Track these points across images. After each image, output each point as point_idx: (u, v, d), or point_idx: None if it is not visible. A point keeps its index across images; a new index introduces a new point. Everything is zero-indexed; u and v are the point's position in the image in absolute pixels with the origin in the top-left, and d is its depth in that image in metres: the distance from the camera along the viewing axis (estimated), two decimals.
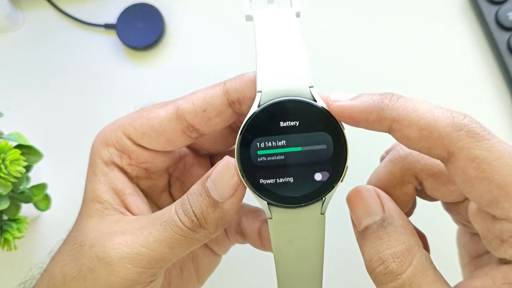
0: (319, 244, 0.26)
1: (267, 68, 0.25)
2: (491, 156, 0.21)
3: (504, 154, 0.21)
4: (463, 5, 0.50)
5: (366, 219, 0.25)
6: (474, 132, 0.21)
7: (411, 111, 0.22)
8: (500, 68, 0.47)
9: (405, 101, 0.23)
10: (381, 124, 0.23)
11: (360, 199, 0.26)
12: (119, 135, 0.29)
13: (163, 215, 0.26)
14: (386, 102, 0.23)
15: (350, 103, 0.24)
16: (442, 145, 0.22)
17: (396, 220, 0.25)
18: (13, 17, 0.50)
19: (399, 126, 0.23)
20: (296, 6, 0.28)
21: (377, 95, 0.24)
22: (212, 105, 0.27)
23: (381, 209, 0.25)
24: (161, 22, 0.50)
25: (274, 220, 0.25)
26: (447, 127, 0.22)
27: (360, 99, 0.24)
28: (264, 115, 0.25)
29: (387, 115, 0.23)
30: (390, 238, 0.24)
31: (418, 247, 0.24)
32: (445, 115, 0.22)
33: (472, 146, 0.21)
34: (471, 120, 0.22)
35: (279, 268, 0.27)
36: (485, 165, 0.21)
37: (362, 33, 0.50)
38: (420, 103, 0.23)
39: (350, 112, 0.24)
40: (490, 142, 0.21)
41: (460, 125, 0.22)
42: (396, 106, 0.23)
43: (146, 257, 0.25)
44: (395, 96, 0.23)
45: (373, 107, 0.23)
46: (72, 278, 0.26)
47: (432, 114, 0.22)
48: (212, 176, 0.26)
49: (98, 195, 0.28)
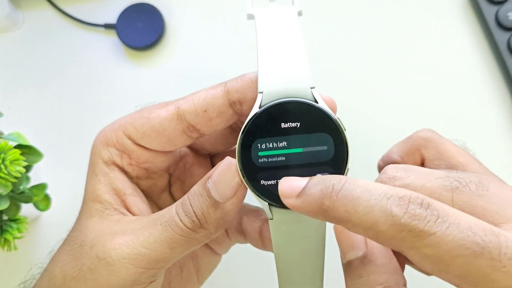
0: (319, 245, 0.26)
1: (269, 69, 0.25)
2: (440, 251, 0.19)
3: (453, 246, 0.19)
4: (463, 5, 0.50)
5: (349, 253, 0.25)
6: (417, 230, 0.20)
7: (351, 212, 0.21)
8: (500, 68, 0.47)
9: (346, 196, 0.21)
10: (332, 222, 0.22)
11: (344, 233, 0.25)
12: (119, 135, 0.29)
13: (164, 216, 0.26)
14: (326, 204, 0.21)
15: (296, 204, 0.23)
16: (391, 245, 0.21)
17: (377, 258, 0.24)
18: (13, 17, 0.50)
19: (346, 227, 0.22)
20: (298, 5, 0.28)
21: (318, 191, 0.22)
22: (213, 105, 0.27)
23: (364, 244, 0.25)
24: (161, 22, 0.50)
25: (275, 221, 0.25)
26: (388, 229, 0.20)
27: (304, 199, 0.22)
28: (265, 116, 0.25)
29: (332, 217, 0.22)
30: (368, 277, 0.24)
31: (398, 287, 0.23)
32: (384, 214, 0.20)
33: (418, 245, 0.20)
34: (412, 215, 0.20)
35: (280, 268, 0.27)
36: (437, 260, 0.20)
37: (362, 33, 0.50)
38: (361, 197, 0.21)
39: (299, 212, 0.23)
40: (436, 236, 0.19)
41: (401, 226, 0.20)
42: (336, 207, 0.21)
43: (147, 258, 0.25)
44: (334, 193, 0.22)
45: (317, 210, 0.22)
46: (72, 278, 0.26)
47: (372, 215, 0.20)
48: (213, 176, 0.26)
49: (98, 195, 0.28)
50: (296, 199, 0.23)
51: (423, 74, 0.48)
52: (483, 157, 0.30)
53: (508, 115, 0.46)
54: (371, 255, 0.24)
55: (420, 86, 0.47)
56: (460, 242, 0.19)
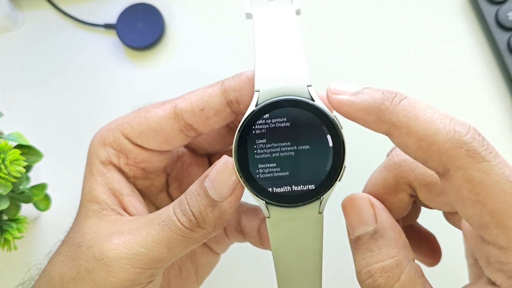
0: (317, 243, 0.26)
1: (265, 67, 0.25)
2: (488, 180, 0.20)
3: (501, 179, 0.20)
4: (463, 5, 0.50)
5: (359, 228, 0.25)
6: (475, 151, 0.20)
7: (412, 118, 0.21)
8: (500, 68, 0.47)
9: (408, 105, 0.22)
10: (379, 127, 0.22)
11: (353, 208, 0.26)
12: (116, 135, 0.29)
13: (161, 215, 0.26)
14: (387, 104, 0.22)
15: (349, 99, 0.23)
16: (440, 160, 0.21)
17: (387, 232, 0.24)
18: (13, 17, 0.50)
19: (397, 132, 0.22)
20: (296, 4, 0.28)
21: (379, 94, 0.23)
22: (210, 104, 0.27)
23: (374, 219, 0.25)
24: (161, 22, 0.50)
25: (272, 219, 0.25)
26: (447, 142, 0.20)
27: (361, 97, 0.23)
28: (261, 115, 0.25)
29: (387, 118, 0.22)
30: (380, 251, 0.24)
31: (408, 261, 0.24)
32: (447, 128, 0.21)
33: (470, 166, 0.20)
34: (473, 137, 0.20)
35: (278, 267, 0.27)
36: (480, 188, 0.20)
37: (361, 32, 0.50)
38: (424, 109, 0.21)
39: (348, 109, 0.23)
40: (489, 164, 0.20)
41: (461, 142, 0.20)
42: (397, 110, 0.22)
43: (145, 258, 0.25)
44: (397, 98, 0.22)
45: (373, 108, 0.22)
46: (70, 279, 0.26)
47: (434, 125, 0.21)
48: (210, 175, 0.26)
49: (95, 196, 0.28)
50: (350, 96, 0.23)
51: (423, 74, 0.48)
52: None
53: (508, 115, 0.46)
54: (382, 230, 0.24)
55: (420, 86, 0.47)
56: (509, 179, 0.20)
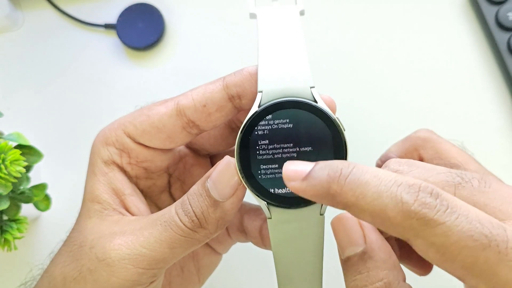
0: (318, 244, 0.26)
1: (268, 68, 0.26)
2: (448, 240, 0.19)
3: (461, 237, 0.19)
4: (463, 5, 0.50)
5: (348, 249, 0.24)
6: (427, 218, 0.20)
7: (359, 197, 0.21)
8: (500, 68, 0.47)
9: (353, 182, 0.21)
10: (338, 208, 0.22)
11: (342, 228, 0.25)
12: (119, 134, 0.29)
13: (164, 216, 0.26)
14: (334, 188, 0.21)
15: (301, 186, 0.22)
16: (398, 233, 0.21)
17: (376, 253, 0.24)
18: (13, 17, 0.50)
19: (352, 212, 0.22)
20: (301, 4, 0.28)
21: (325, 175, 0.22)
22: (212, 100, 0.27)
23: (363, 240, 0.24)
24: (161, 22, 0.50)
25: (273, 220, 0.26)
26: (396, 216, 0.20)
27: (311, 183, 0.22)
28: (264, 115, 0.25)
29: (338, 202, 0.21)
30: (369, 273, 0.23)
31: (398, 282, 0.23)
32: (393, 201, 0.20)
33: (426, 234, 0.20)
34: (422, 203, 0.20)
35: (279, 268, 0.27)
36: (444, 249, 0.20)
37: (363, 33, 0.50)
38: (369, 183, 0.21)
39: (304, 195, 0.22)
40: (445, 225, 0.19)
41: (410, 213, 0.20)
42: (344, 192, 0.21)
43: (147, 258, 0.25)
44: (342, 176, 0.21)
45: (324, 194, 0.22)
46: (72, 279, 0.26)
47: (381, 201, 0.20)
48: (212, 176, 0.26)
49: (97, 195, 0.28)
50: (301, 182, 0.22)
51: (423, 74, 0.48)
52: (482, 157, 0.30)
53: (508, 115, 0.46)
54: (371, 251, 0.24)
55: (420, 86, 0.47)
56: (468, 233, 0.19)
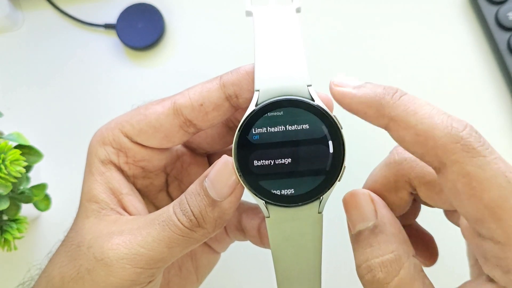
0: (316, 243, 0.26)
1: (265, 66, 0.25)
2: (483, 174, 0.20)
3: (496, 173, 0.20)
4: (463, 5, 0.50)
5: (359, 224, 0.25)
6: (471, 146, 0.20)
7: (410, 113, 0.22)
8: (500, 68, 0.47)
9: (407, 100, 0.22)
10: (379, 120, 0.23)
11: (355, 204, 0.26)
12: (116, 133, 0.29)
13: (161, 215, 0.26)
14: (387, 99, 0.22)
15: (352, 92, 0.23)
16: (436, 154, 0.21)
17: (387, 228, 0.25)
18: (13, 17, 0.50)
19: (396, 127, 0.22)
20: (297, 2, 0.28)
21: (380, 88, 0.23)
22: (209, 99, 0.27)
23: (374, 215, 0.25)
24: (161, 22, 0.50)
25: (271, 219, 0.25)
26: (443, 137, 0.21)
27: (363, 90, 0.23)
28: (262, 114, 0.25)
29: (386, 112, 0.22)
30: (380, 246, 0.24)
31: (408, 256, 0.24)
32: (444, 124, 0.21)
33: (465, 161, 0.20)
34: (470, 133, 0.21)
35: (278, 267, 0.27)
36: (476, 182, 0.20)
37: (361, 32, 0.50)
38: (423, 105, 0.22)
39: (350, 101, 0.23)
40: (485, 159, 0.20)
41: (458, 137, 0.21)
42: (396, 105, 0.22)
43: (145, 257, 0.25)
44: (398, 93, 0.23)
45: (373, 102, 0.23)
46: (70, 279, 0.26)
47: (431, 120, 0.21)
48: (210, 175, 0.26)
49: (94, 195, 0.28)
50: (353, 88, 0.23)
51: (423, 73, 0.48)
52: None
53: (508, 115, 0.46)
54: (382, 225, 0.25)
55: (419, 85, 0.47)
56: (505, 174, 0.20)
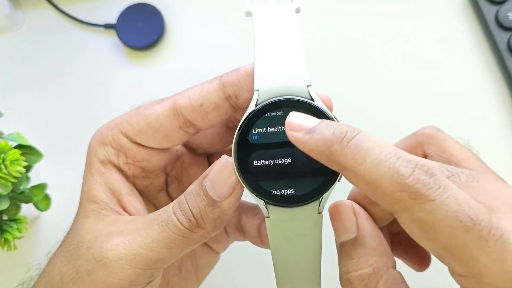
0: (316, 243, 0.26)
1: (265, 66, 0.25)
2: (433, 218, 0.20)
3: (447, 216, 0.20)
4: (463, 5, 0.50)
5: (342, 236, 0.26)
6: (418, 193, 0.20)
7: (358, 162, 0.21)
8: (500, 68, 0.47)
9: (355, 147, 0.22)
10: (332, 167, 0.23)
11: (337, 215, 0.26)
12: (115, 133, 0.29)
13: (161, 215, 0.26)
14: (335, 147, 0.22)
15: (303, 138, 0.23)
16: (386, 203, 0.21)
17: (367, 241, 0.25)
18: (13, 17, 0.50)
19: (346, 176, 0.22)
20: (296, 2, 0.28)
21: (330, 134, 0.22)
22: (209, 99, 0.27)
23: (356, 227, 0.26)
24: (161, 22, 0.50)
25: (271, 219, 0.25)
26: (390, 186, 0.21)
27: (313, 137, 0.23)
28: (261, 114, 0.25)
29: (336, 160, 0.22)
30: (359, 259, 0.25)
31: (387, 269, 0.24)
32: (390, 172, 0.21)
33: (413, 208, 0.20)
34: (417, 178, 0.21)
35: (277, 267, 0.27)
36: (428, 227, 0.20)
37: (361, 32, 0.50)
38: (370, 150, 0.21)
39: (302, 146, 0.23)
40: (434, 203, 0.20)
41: (403, 185, 0.21)
42: (344, 153, 0.22)
43: (144, 258, 0.25)
44: (346, 138, 0.22)
45: (323, 150, 0.22)
46: (70, 279, 0.26)
47: (378, 169, 0.21)
48: (209, 175, 0.26)
49: (94, 195, 0.28)
50: (304, 134, 0.23)
51: (423, 74, 0.48)
52: (482, 156, 0.30)
53: (508, 115, 0.46)
54: (362, 238, 0.25)
55: (420, 86, 0.47)
56: (455, 214, 0.20)
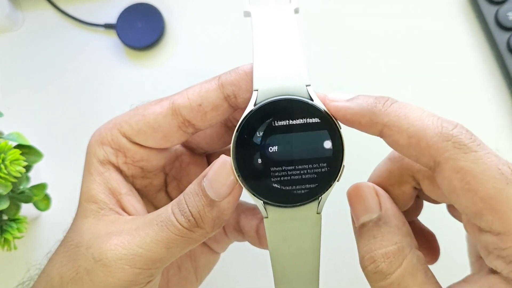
0: (315, 243, 0.26)
1: (264, 66, 0.25)
2: (476, 168, 0.21)
3: (490, 166, 0.21)
4: (463, 5, 0.50)
5: (364, 216, 0.26)
6: (462, 143, 0.21)
7: (402, 118, 0.23)
8: (500, 68, 0.47)
9: (398, 107, 0.23)
10: (373, 128, 0.24)
11: (359, 196, 0.26)
12: (114, 133, 0.29)
13: (160, 215, 0.26)
14: (379, 107, 0.23)
15: (345, 104, 0.24)
16: (429, 154, 0.22)
17: (391, 220, 0.25)
18: (13, 17, 0.50)
19: (389, 132, 0.23)
20: (295, 3, 0.28)
21: (372, 99, 0.24)
22: (208, 99, 0.27)
23: (379, 207, 0.26)
24: (161, 22, 0.50)
25: (270, 219, 0.25)
26: (434, 136, 0.22)
27: (355, 101, 0.24)
28: (260, 114, 0.25)
29: (379, 119, 0.23)
30: (383, 237, 0.24)
31: (410, 248, 0.24)
32: (434, 124, 0.22)
33: (458, 157, 0.21)
34: (460, 131, 0.22)
35: (276, 267, 0.27)
36: (470, 177, 0.21)
37: (361, 32, 0.49)
38: (413, 110, 0.23)
39: (344, 113, 0.24)
40: (477, 154, 0.21)
41: (448, 135, 0.22)
42: (388, 112, 0.23)
43: (143, 258, 0.25)
44: (389, 101, 0.23)
45: (366, 111, 0.23)
46: (69, 279, 0.26)
47: (422, 122, 0.22)
48: (208, 175, 0.26)
49: (93, 195, 0.28)
50: (346, 101, 0.24)
51: (423, 74, 0.48)
52: None
53: (508, 115, 0.46)
54: (386, 217, 0.25)
55: (420, 86, 0.47)
56: (497, 166, 0.21)
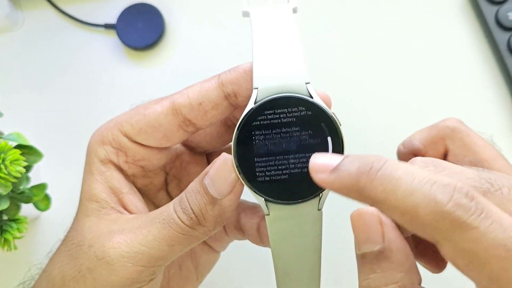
0: (316, 240, 0.26)
1: (264, 64, 0.26)
2: (478, 247, 0.18)
3: (493, 244, 0.18)
4: (463, 5, 0.50)
5: (365, 245, 0.23)
6: (460, 220, 0.19)
7: (390, 193, 0.20)
8: (500, 68, 0.47)
9: (384, 177, 0.20)
10: (364, 202, 0.21)
11: (361, 223, 0.24)
12: (115, 133, 0.29)
13: (162, 213, 0.26)
14: (363, 181, 0.21)
15: (329, 179, 0.22)
16: (426, 233, 0.20)
17: (394, 254, 0.23)
18: (13, 17, 0.50)
19: (380, 208, 0.21)
20: (293, 2, 0.28)
21: (355, 168, 0.21)
22: (208, 98, 0.27)
23: (381, 239, 0.23)
24: (161, 22, 0.50)
25: (271, 217, 0.26)
26: (428, 215, 0.19)
27: (339, 175, 0.22)
28: (260, 112, 0.25)
29: (367, 195, 0.21)
30: (383, 274, 0.22)
31: (413, 286, 0.22)
32: (427, 200, 0.19)
33: (457, 238, 0.19)
34: (457, 204, 0.19)
35: (277, 264, 0.27)
36: (473, 257, 0.19)
37: (361, 32, 0.50)
38: (402, 179, 0.20)
39: (330, 187, 0.22)
40: (478, 230, 0.19)
41: (443, 213, 0.19)
42: (374, 186, 0.20)
43: (146, 256, 0.25)
44: (373, 170, 0.21)
45: (351, 187, 0.21)
46: (71, 278, 0.26)
47: (413, 198, 0.19)
48: (210, 173, 0.26)
49: (94, 194, 0.28)
50: (329, 174, 0.22)
51: (423, 73, 0.48)
52: None
53: (508, 115, 0.46)
54: (388, 251, 0.23)
55: (419, 85, 0.47)
56: (502, 242, 0.18)
